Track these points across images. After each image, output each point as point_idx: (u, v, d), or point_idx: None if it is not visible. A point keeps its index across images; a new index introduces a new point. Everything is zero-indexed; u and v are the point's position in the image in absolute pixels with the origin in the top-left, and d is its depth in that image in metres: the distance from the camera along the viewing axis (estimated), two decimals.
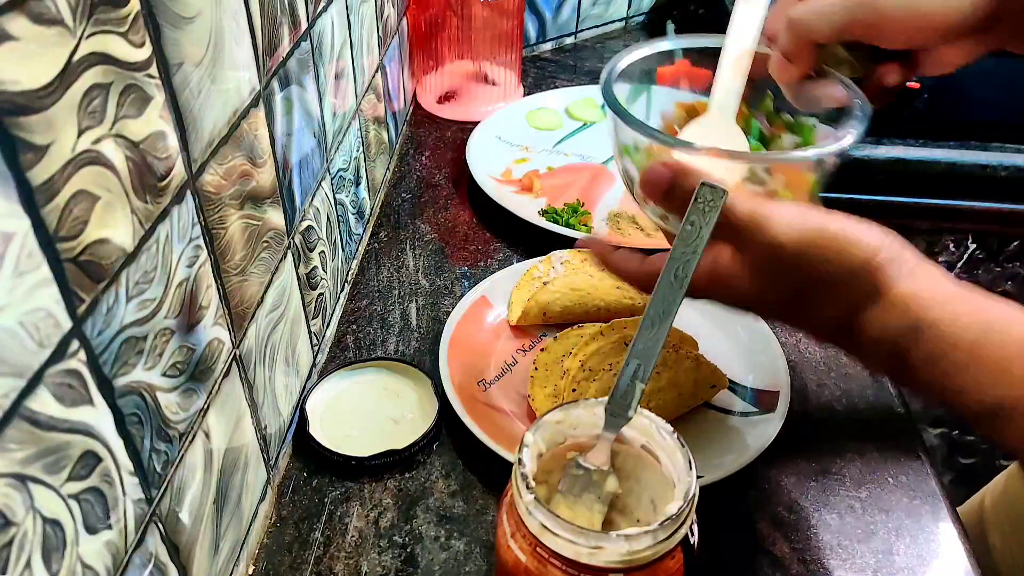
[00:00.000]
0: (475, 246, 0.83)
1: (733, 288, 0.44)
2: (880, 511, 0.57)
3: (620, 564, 0.37)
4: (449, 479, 0.59)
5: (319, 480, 0.59)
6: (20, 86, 0.27)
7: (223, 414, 0.47)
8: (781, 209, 0.42)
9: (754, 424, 0.61)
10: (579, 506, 0.41)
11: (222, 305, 0.46)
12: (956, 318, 0.39)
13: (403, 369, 0.65)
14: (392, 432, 0.61)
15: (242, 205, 0.48)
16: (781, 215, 0.42)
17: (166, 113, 0.37)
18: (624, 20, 1.34)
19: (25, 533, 0.29)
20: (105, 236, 0.33)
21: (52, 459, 0.30)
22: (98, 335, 0.33)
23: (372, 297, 0.76)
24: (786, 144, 0.54)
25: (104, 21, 0.32)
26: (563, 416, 0.42)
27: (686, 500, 0.38)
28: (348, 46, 0.71)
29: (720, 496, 0.58)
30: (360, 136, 0.78)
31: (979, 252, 1.19)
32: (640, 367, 0.41)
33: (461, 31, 1.00)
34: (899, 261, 0.41)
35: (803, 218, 0.42)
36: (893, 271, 0.41)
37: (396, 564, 0.54)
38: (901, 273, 0.41)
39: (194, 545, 0.44)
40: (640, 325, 0.41)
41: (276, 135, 0.53)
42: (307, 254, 0.62)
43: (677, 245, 0.41)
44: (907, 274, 0.41)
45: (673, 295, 0.41)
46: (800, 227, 0.41)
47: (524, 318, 0.70)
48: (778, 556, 0.55)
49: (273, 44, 0.52)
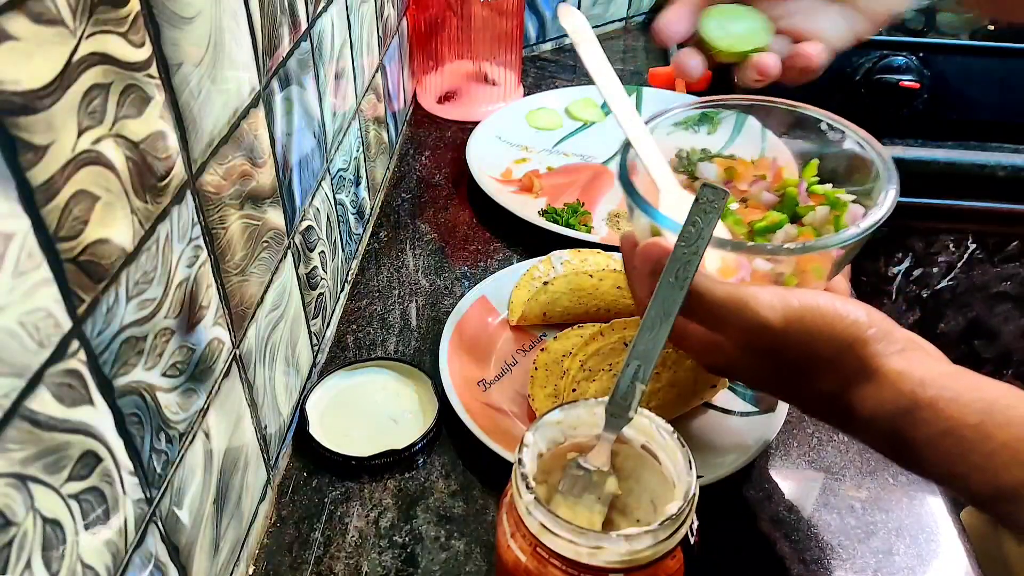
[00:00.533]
0: (475, 246, 0.83)
1: (722, 358, 0.45)
2: (880, 511, 0.57)
3: (620, 564, 0.37)
4: (449, 479, 0.59)
5: (319, 480, 0.59)
6: (20, 86, 0.27)
7: (223, 414, 0.47)
8: (760, 292, 0.42)
9: (754, 424, 0.61)
10: (579, 507, 0.41)
11: (222, 305, 0.46)
12: (956, 396, 0.38)
13: (403, 369, 0.65)
14: (392, 432, 0.61)
15: (242, 205, 0.48)
16: (762, 297, 0.41)
17: (166, 113, 0.37)
18: (624, 20, 1.34)
19: (25, 533, 0.29)
20: (105, 236, 0.33)
21: (52, 459, 0.30)
22: (98, 335, 0.33)
23: (372, 297, 0.76)
24: (818, 216, 0.51)
25: (104, 21, 0.32)
26: (563, 416, 0.42)
27: (686, 500, 0.38)
28: (348, 46, 0.71)
29: (720, 496, 0.58)
30: (360, 136, 0.78)
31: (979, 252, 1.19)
32: (640, 368, 0.41)
33: (461, 31, 1.00)
34: (889, 339, 0.41)
35: (785, 298, 0.41)
36: (882, 348, 0.40)
37: (396, 564, 0.54)
38: (891, 350, 0.40)
39: (194, 545, 0.44)
40: (640, 326, 0.41)
41: (276, 135, 0.53)
42: (307, 254, 0.62)
43: (678, 246, 0.41)
44: (898, 351, 0.40)
45: (674, 296, 0.41)
46: (784, 306, 0.41)
47: (524, 318, 0.70)
48: (778, 556, 0.55)
49: (273, 44, 0.52)
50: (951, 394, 0.38)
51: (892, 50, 1.01)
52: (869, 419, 0.41)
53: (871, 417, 0.41)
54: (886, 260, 1.20)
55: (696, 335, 0.45)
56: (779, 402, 0.61)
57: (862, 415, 0.41)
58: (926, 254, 1.19)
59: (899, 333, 0.41)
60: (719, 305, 0.42)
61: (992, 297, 1.24)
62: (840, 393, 0.41)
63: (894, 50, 1.01)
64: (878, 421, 0.40)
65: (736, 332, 0.43)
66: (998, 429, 0.37)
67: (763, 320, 0.41)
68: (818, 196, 0.52)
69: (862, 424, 0.42)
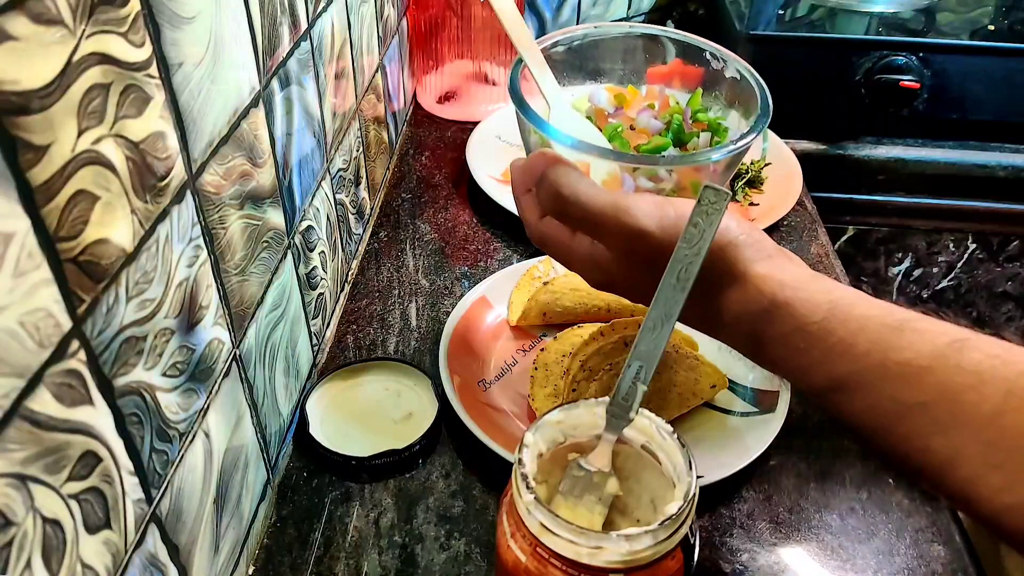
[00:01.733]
0: (475, 246, 0.83)
1: (605, 274, 0.46)
2: (881, 512, 0.57)
3: (620, 564, 0.37)
4: (449, 479, 0.59)
5: (319, 480, 0.59)
6: (20, 86, 0.27)
7: (223, 414, 0.47)
8: (639, 199, 0.44)
9: (754, 424, 0.61)
10: (580, 508, 0.41)
11: (222, 305, 0.46)
12: (809, 296, 0.40)
13: (403, 369, 0.65)
14: (392, 432, 0.61)
15: (242, 205, 0.48)
16: (640, 203, 0.43)
17: (166, 113, 0.37)
18: (624, 20, 1.34)
19: (25, 533, 0.29)
20: (105, 236, 0.33)
21: (52, 459, 0.30)
22: (98, 335, 0.33)
23: (372, 297, 0.76)
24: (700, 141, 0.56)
25: (104, 21, 0.32)
26: (563, 416, 0.42)
27: (686, 500, 0.38)
28: (348, 46, 0.71)
29: (720, 496, 0.58)
30: (360, 136, 0.78)
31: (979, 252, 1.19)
32: (642, 369, 0.41)
33: (461, 31, 1.00)
34: (758, 247, 0.43)
35: (662, 205, 0.43)
36: (750, 253, 0.42)
37: (396, 564, 0.54)
38: (759, 256, 0.42)
39: (194, 545, 0.44)
40: (642, 327, 0.41)
41: (276, 135, 0.53)
42: (307, 254, 0.62)
43: (680, 247, 0.41)
44: (765, 258, 0.42)
45: (676, 297, 0.41)
46: (661, 214, 0.43)
47: (524, 318, 0.70)
48: (778, 557, 0.55)
49: (273, 44, 0.52)
50: (805, 295, 0.40)
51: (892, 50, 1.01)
52: (734, 321, 0.43)
53: (735, 319, 0.43)
54: (886, 260, 1.20)
55: (580, 251, 0.47)
56: (779, 402, 0.61)
57: (728, 318, 0.43)
58: (926, 254, 1.19)
59: (768, 243, 0.43)
60: (600, 212, 0.44)
61: (993, 297, 1.24)
62: (710, 296, 0.43)
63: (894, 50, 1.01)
64: (740, 323, 0.42)
65: (615, 239, 0.45)
66: (839, 325, 0.39)
67: (641, 226, 0.43)
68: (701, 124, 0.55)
69: (728, 326, 0.44)
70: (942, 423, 0.35)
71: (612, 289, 0.48)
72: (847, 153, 1.09)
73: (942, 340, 0.37)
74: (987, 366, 0.35)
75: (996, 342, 0.37)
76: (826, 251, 0.83)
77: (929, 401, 0.36)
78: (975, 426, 0.35)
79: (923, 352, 0.37)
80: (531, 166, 0.48)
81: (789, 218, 0.86)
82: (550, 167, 0.46)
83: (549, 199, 0.46)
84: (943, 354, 0.36)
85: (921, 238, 1.17)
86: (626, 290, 0.48)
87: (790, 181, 0.89)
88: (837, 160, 1.09)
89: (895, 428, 0.37)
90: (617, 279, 0.46)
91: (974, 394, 0.35)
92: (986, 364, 0.35)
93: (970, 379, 0.35)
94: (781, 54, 1.05)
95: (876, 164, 1.10)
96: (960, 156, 1.10)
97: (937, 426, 0.36)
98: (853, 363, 0.38)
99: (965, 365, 0.36)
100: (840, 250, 1.16)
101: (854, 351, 0.38)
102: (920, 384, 0.36)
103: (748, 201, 0.87)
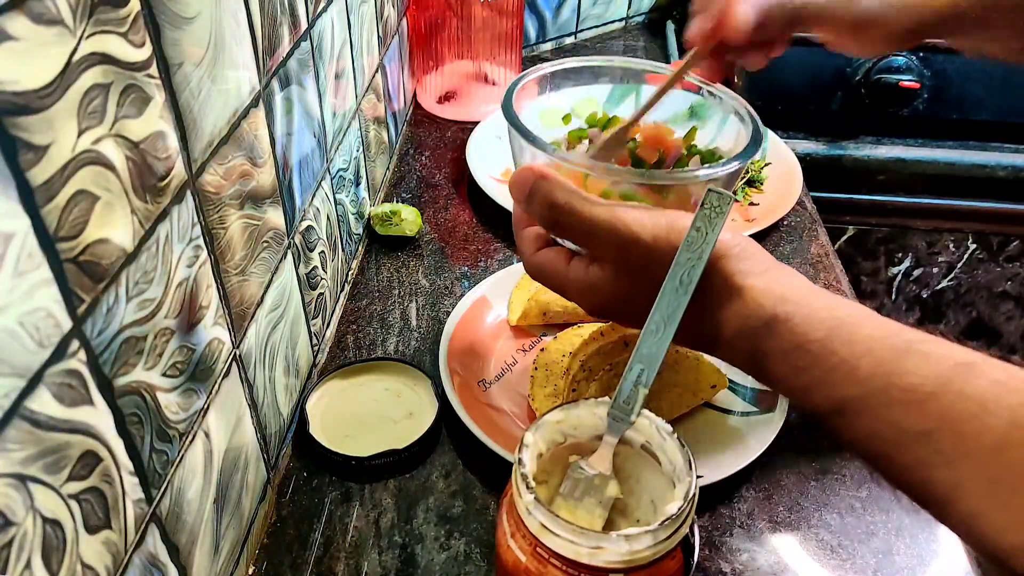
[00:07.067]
0: (475, 246, 0.83)
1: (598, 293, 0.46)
2: (880, 511, 0.57)
3: (620, 564, 0.37)
4: (449, 479, 0.59)
5: (319, 480, 0.59)
6: (20, 86, 0.27)
7: (223, 414, 0.47)
8: (632, 210, 0.44)
9: (754, 424, 0.61)
10: (580, 510, 0.41)
11: (222, 305, 0.46)
12: (810, 313, 0.39)
13: (403, 369, 0.65)
14: (392, 432, 0.61)
15: (242, 205, 0.48)
16: (633, 213, 0.44)
17: (166, 113, 0.37)
18: (624, 20, 1.34)
19: (25, 533, 0.29)
20: (105, 236, 0.33)
21: (52, 459, 0.30)
22: (98, 335, 0.33)
23: (372, 297, 0.76)
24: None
25: (104, 21, 0.32)
26: (563, 416, 0.42)
27: (686, 500, 0.38)
28: (348, 46, 0.71)
29: (720, 496, 0.58)
30: (360, 136, 0.78)
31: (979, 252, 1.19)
32: (644, 372, 0.41)
33: (461, 31, 1.00)
34: (754, 260, 0.42)
35: (654, 216, 0.43)
36: (747, 266, 0.42)
37: (396, 564, 0.54)
38: (756, 269, 0.42)
39: (194, 545, 0.44)
40: (644, 331, 0.41)
41: (276, 135, 0.53)
42: (307, 254, 0.62)
43: (682, 251, 0.41)
44: (761, 271, 0.42)
45: (677, 301, 0.41)
46: (653, 223, 0.43)
47: (524, 318, 0.70)
48: (778, 556, 0.55)
49: (273, 44, 0.52)
50: (806, 311, 0.39)
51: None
52: (733, 337, 0.42)
53: (735, 335, 0.42)
54: (886, 260, 1.20)
55: (576, 276, 0.47)
56: (779, 402, 0.61)
57: (727, 334, 0.42)
58: (926, 254, 1.19)
59: (764, 256, 0.43)
60: (592, 219, 0.44)
61: (993, 297, 1.24)
62: (707, 312, 0.43)
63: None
64: (740, 339, 0.42)
65: (608, 248, 0.45)
66: (842, 346, 0.38)
67: (634, 234, 0.43)
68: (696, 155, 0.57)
69: (727, 343, 0.43)
70: (945, 454, 0.34)
71: (609, 314, 0.48)
72: (847, 153, 1.09)
73: (947, 364, 0.36)
74: (991, 394, 0.34)
75: (1002, 367, 0.35)
76: (826, 251, 0.83)
77: (932, 430, 0.35)
78: (978, 459, 0.33)
79: (928, 377, 0.35)
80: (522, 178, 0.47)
81: (789, 218, 0.86)
82: (540, 179, 0.46)
83: (543, 209, 0.46)
84: (948, 379, 0.35)
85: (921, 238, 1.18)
86: (623, 313, 0.47)
87: (790, 181, 0.89)
88: (837, 160, 1.09)
89: (897, 457, 0.36)
90: (613, 300, 0.46)
91: (977, 424, 0.33)
92: (990, 392, 0.34)
93: (973, 407, 0.34)
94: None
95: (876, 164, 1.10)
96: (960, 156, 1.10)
97: (940, 456, 0.34)
98: (855, 387, 0.37)
99: (969, 392, 0.34)
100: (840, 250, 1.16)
101: (857, 375, 0.37)
102: (923, 411, 0.35)
103: (748, 201, 0.87)
